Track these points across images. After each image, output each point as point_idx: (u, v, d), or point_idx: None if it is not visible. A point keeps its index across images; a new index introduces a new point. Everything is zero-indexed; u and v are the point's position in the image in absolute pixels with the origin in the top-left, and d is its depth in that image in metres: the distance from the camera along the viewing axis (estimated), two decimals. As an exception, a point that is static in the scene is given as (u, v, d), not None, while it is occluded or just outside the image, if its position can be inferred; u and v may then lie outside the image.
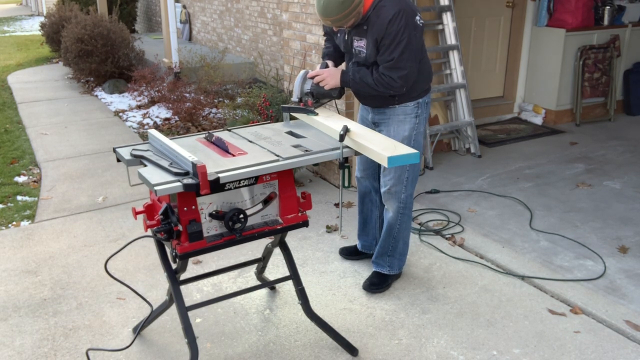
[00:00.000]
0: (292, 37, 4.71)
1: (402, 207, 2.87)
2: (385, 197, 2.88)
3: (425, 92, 2.78)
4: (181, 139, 2.42)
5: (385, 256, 2.98)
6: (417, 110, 2.75)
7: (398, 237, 2.94)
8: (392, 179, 2.81)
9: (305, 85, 2.70)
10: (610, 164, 4.78)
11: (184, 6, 10.41)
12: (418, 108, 2.75)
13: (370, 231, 3.20)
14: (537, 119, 5.98)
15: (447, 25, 4.87)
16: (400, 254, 2.99)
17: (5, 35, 15.45)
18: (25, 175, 4.72)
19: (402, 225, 2.92)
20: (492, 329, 2.67)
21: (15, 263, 3.31)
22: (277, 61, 7.25)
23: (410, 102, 2.73)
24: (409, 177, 2.82)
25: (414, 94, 2.73)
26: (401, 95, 2.70)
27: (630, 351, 2.50)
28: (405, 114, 2.74)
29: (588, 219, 3.78)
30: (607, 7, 5.78)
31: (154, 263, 3.27)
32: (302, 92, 2.70)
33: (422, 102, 2.76)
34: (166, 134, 5.45)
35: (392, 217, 2.90)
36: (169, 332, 2.67)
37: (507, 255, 3.30)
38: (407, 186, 2.83)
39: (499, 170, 4.65)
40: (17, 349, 2.57)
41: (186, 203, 2.05)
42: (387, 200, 2.88)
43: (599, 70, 5.90)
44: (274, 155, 2.20)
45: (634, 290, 2.95)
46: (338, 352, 2.51)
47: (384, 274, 3.00)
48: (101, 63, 7.63)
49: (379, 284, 2.98)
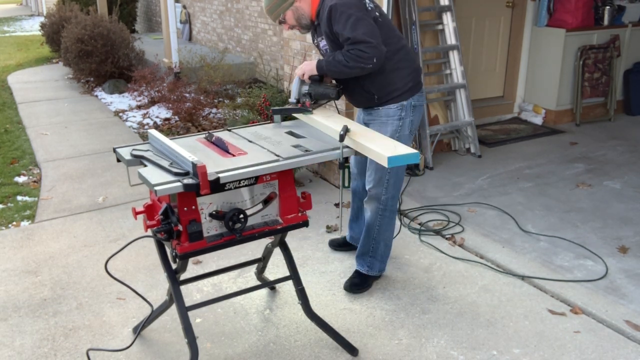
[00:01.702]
0: (292, 38, 4.71)
1: (381, 208, 2.86)
2: (366, 199, 2.90)
3: (410, 92, 2.73)
4: (181, 139, 2.42)
5: (367, 256, 2.98)
6: (400, 112, 2.72)
7: (378, 239, 2.93)
8: (373, 180, 2.81)
9: (303, 87, 2.72)
10: (610, 164, 4.78)
11: (184, 6, 10.41)
12: (402, 111, 2.72)
13: (360, 224, 3.21)
14: (537, 119, 5.98)
15: (447, 25, 4.87)
16: (382, 256, 2.98)
17: (6, 35, 15.45)
18: (25, 176, 4.72)
19: (381, 226, 2.90)
20: (492, 329, 2.67)
21: (15, 263, 3.31)
22: (277, 61, 7.25)
23: (392, 104, 2.71)
24: (390, 180, 2.80)
25: (397, 93, 2.70)
26: (382, 96, 2.70)
27: (630, 351, 2.50)
28: (388, 116, 2.73)
29: (588, 219, 3.78)
30: (607, 7, 5.78)
31: (154, 263, 3.27)
32: (299, 94, 2.72)
33: (407, 104, 2.72)
34: (166, 134, 5.45)
35: (370, 217, 2.90)
36: (169, 332, 2.67)
37: (507, 255, 3.30)
38: (387, 188, 2.81)
39: (499, 170, 4.65)
40: (17, 349, 2.57)
41: (186, 203, 2.05)
42: (366, 200, 2.90)
43: (599, 70, 5.90)
44: (274, 155, 2.20)
45: (634, 290, 2.95)
46: (338, 352, 2.51)
47: (364, 273, 3.00)
48: (101, 63, 7.64)
49: (360, 284, 2.98)
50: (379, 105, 2.74)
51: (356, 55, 2.51)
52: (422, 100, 2.80)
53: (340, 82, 2.75)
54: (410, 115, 2.75)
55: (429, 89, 4.76)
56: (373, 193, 2.83)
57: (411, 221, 3.77)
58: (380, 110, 2.74)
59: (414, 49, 4.55)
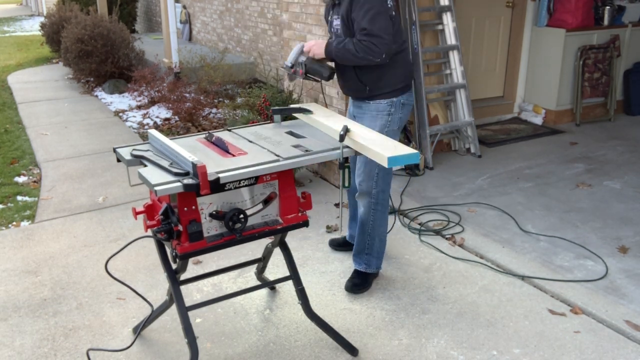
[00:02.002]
0: (292, 37, 4.71)
1: (373, 202, 2.89)
2: (358, 194, 2.93)
3: (401, 90, 2.81)
4: (181, 139, 2.42)
5: (363, 254, 2.99)
6: (390, 108, 2.80)
7: (373, 235, 2.95)
8: (362, 174, 2.85)
9: (300, 56, 2.81)
10: (610, 164, 4.78)
11: (184, 6, 10.41)
12: (391, 107, 2.80)
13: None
14: (537, 119, 5.98)
15: (447, 25, 4.87)
16: (378, 252, 3.00)
17: (6, 35, 15.45)
18: (25, 176, 4.72)
19: (375, 222, 2.93)
20: (492, 329, 2.67)
21: (15, 263, 3.31)
22: (277, 61, 7.25)
23: (383, 99, 2.79)
24: (380, 174, 2.83)
25: (387, 90, 2.78)
26: (373, 89, 2.78)
27: (630, 351, 2.50)
28: (378, 111, 2.80)
29: (588, 219, 3.78)
30: (607, 7, 5.78)
31: (154, 263, 3.27)
32: (295, 60, 2.80)
33: (396, 101, 2.80)
34: (166, 134, 5.45)
35: (363, 213, 2.93)
36: (169, 332, 2.67)
37: (507, 255, 3.30)
38: (377, 182, 2.85)
39: (499, 170, 4.65)
40: (17, 349, 2.57)
41: (186, 203, 2.05)
42: (358, 196, 2.93)
43: (599, 70, 5.90)
44: (274, 155, 2.20)
45: (634, 290, 2.95)
46: (338, 352, 2.52)
47: (364, 272, 3.01)
48: (101, 63, 7.64)
49: (361, 284, 2.99)
50: (368, 98, 2.82)
51: (368, 48, 2.57)
52: (411, 99, 2.89)
53: (337, 66, 2.84)
54: (400, 112, 2.83)
55: (429, 89, 4.76)
56: (364, 187, 2.87)
57: (411, 221, 3.77)
58: (371, 104, 2.82)
59: (414, 49, 4.55)
